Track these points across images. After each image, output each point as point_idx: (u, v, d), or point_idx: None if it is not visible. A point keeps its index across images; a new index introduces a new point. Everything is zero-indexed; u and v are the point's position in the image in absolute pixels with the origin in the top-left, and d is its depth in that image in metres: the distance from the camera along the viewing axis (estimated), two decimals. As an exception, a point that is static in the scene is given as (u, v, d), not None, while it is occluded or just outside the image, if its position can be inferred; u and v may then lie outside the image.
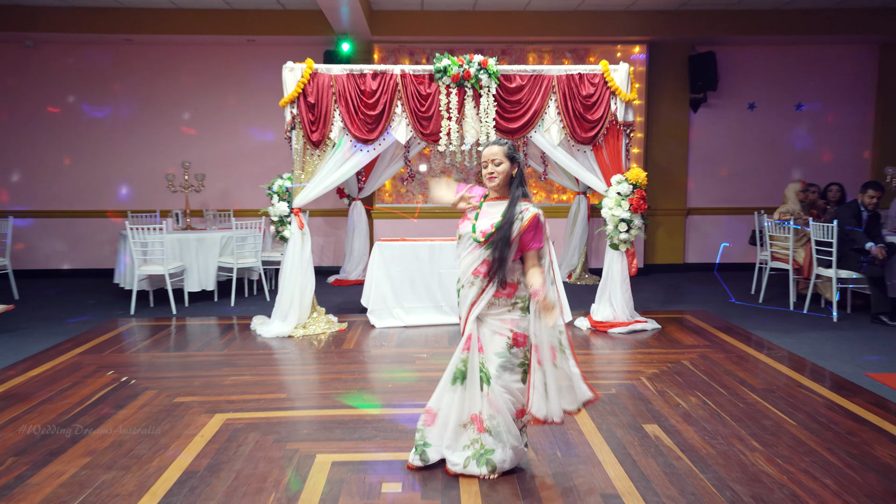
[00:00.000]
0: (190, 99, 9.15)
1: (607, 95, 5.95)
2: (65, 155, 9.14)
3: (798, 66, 9.27)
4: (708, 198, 9.45)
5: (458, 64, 5.79)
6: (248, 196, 9.18)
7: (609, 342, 5.70)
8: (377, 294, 6.24)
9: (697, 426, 3.77)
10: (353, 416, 3.96)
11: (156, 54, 9.05)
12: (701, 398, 4.22)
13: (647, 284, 8.40)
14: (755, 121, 9.36)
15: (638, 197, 5.87)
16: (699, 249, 9.54)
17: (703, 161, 9.40)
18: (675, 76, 9.14)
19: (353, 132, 5.87)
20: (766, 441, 3.55)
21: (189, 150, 9.07)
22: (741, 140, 9.40)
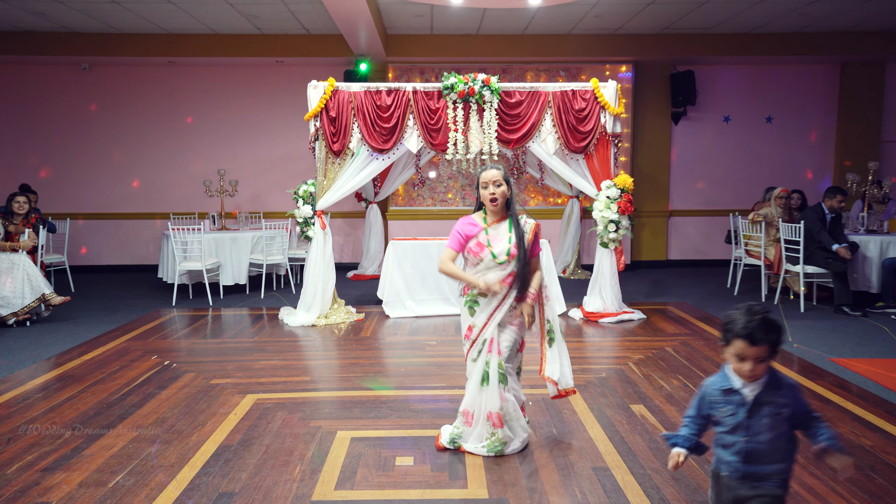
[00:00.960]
0: (225, 113, 9.15)
1: (597, 109, 5.90)
2: (115, 163, 9.16)
3: (768, 83, 9.18)
4: (688, 201, 9.38)
5: (464, 82, 5.76)
6: (276, 200, 9.18)
7: (599, 331, 5.66)
8: (391, 288, 6.22)
9: (679, 406, 3.72)
10: (369, 396, 3.94)
11: (196, 74, 9.06)
12: (682, 381, 4.18)
13: (633, 279, 8.35)
14: (730, 132, 9.28)
15: (625, 200, 5.82)
16: (680, 247, 9.48)
17: (683, 168, 9.33)
18: (658, 92, 9.07)
19: (370, 143, 5.85)
20: (742, 420, 3.50)
21: (224, 159, 9.08)
22: (717, 149, 9.33)
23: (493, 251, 2.98)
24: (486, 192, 3.03)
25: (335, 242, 9.18)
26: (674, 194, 9.37)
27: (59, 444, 3.26)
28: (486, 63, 8.72)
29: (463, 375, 4.31)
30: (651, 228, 9.33)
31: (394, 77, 8.78)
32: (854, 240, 6.34)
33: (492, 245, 3.00)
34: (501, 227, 3.05)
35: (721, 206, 9.30)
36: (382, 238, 8.65)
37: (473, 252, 3.02)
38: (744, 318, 1.79)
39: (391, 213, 8.94)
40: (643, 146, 9.16)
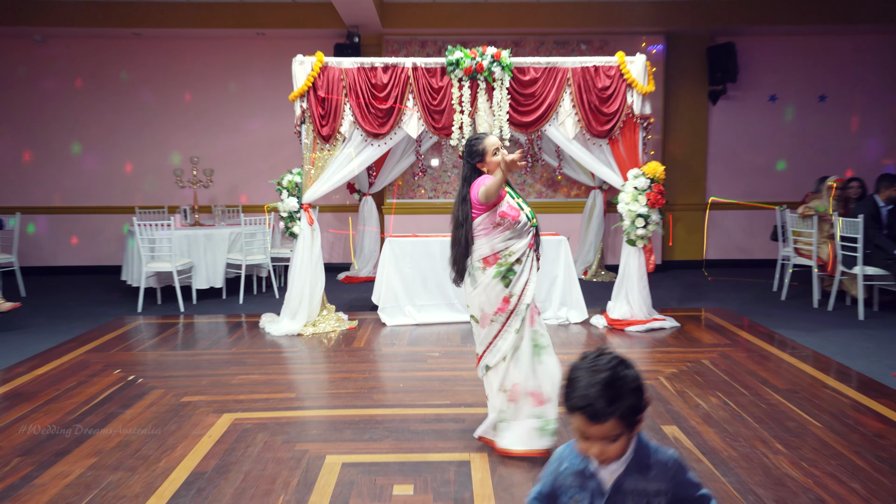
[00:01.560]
0: (198, 93, 9.16)
1: (623, 88, 5.88)
2: (72, 150, 9.19)
3: (821, 56, 9.12)
4: (728, 192, 9.34)
5: (471, 56, 5.74)
6: (256, 191, 9.19)
7: (626, 341, 5.64)
8: (388, 291, 6.21)
9: (718, 428, 3.70)
10: (363, 416, 3.93)
11: (164, 48, 9.07)
12: (722, 399, 4.15)
13: (665, 281, 8.32)
14: (777, 113, 9.23)
15: (655, 191, 5.80)
16: (719, 245, 9.44)
17: (722, 154, 9.29)
18: (693, 68, 9.03)
19: (364, 126, 5.85)
20: (790, 443, 3.48)
21: (198, 146, 9.09)
22: (762, 133, 9.28)
23: (527, 213, 3.37)
24: (496, 159, 3.32)
25: (324, 240, 9.18)
26: (711, 185, 9.33)
27: (5, 472, 3.26)
28: (496, 35, 8.69)
29: (470, 391, 4.32)
30: (685, 224, 9.30)
31: (391, 52, 8.78)
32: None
33: (523, 206, 3.38)
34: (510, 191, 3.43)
35: (766, 198, 9.25)
36: (378, 234, 8.65)
37: (511, 216, 3.30)
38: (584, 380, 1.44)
39: (388, 206, 8.94)
40: (676, 130, 9.13)
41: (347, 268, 9.05)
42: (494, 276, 3.28)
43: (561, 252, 6.26)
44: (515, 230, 3.30)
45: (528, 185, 8.96)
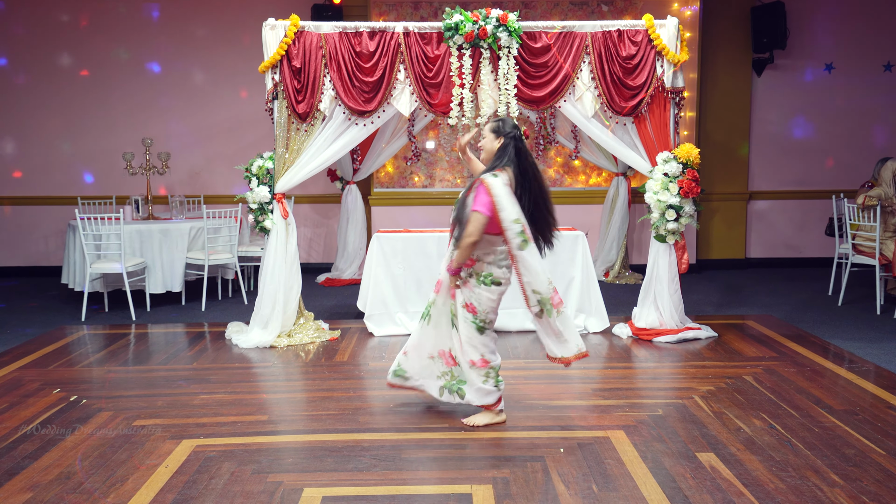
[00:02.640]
0: (150, 64, 9.16)
1: (652, 56, 5.90)
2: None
3: (886, 16, 9.14)
4: (775, 179, 9.37)
5: (473, 20, 5.76)
6: (221, 179, 9.20)
7: (654, 353, 5.66)
8: (376, 296, 6.24)
9: (763, 455, 3.73)
10: (347, 441, 3.95)
11: (108, 9, 9.07)
12: (767, 421, 4.18)
13: (700, 284, 8.34)
14: (833, 85, 9.26)
15: (689, 178, 5.82)
16: (764, 242, 9.47)
17: (768, 135, 9.32)
18: (734, 32, 9.05)
19: (347, 102, 5.87)
20: (849, 474, 3.51)
21: (151, 125, 9.11)
22: (816, 109, 9.30)
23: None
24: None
25: (301, 236, 9.20)
26: (755, 170, 9.36)
27: (-69, 505, 3.28)
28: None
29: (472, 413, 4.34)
30: (724, 216, 9.33)
31: (379, 14, 8.80)
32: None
33: None
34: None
35: (821, 185, 9.28)
36: (364, 230, 8.68)
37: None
38: None
39: (375, 196, 8.96)
40: (714, 106, 9.16)
41: (328, 268, 9.07)
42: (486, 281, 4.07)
43: (578, 250, 6.28)
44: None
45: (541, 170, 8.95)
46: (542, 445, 3.90)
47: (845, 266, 7.37)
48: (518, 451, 3.84)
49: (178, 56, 9.15)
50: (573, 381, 5.01)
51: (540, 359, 5.58)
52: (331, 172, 8.56)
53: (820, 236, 9.24)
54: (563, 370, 5.11)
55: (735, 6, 9.01)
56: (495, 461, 3.71)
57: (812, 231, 9.35)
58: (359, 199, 8.62)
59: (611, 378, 5.13)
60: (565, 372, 5.08)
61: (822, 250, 9.28)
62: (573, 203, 8.93)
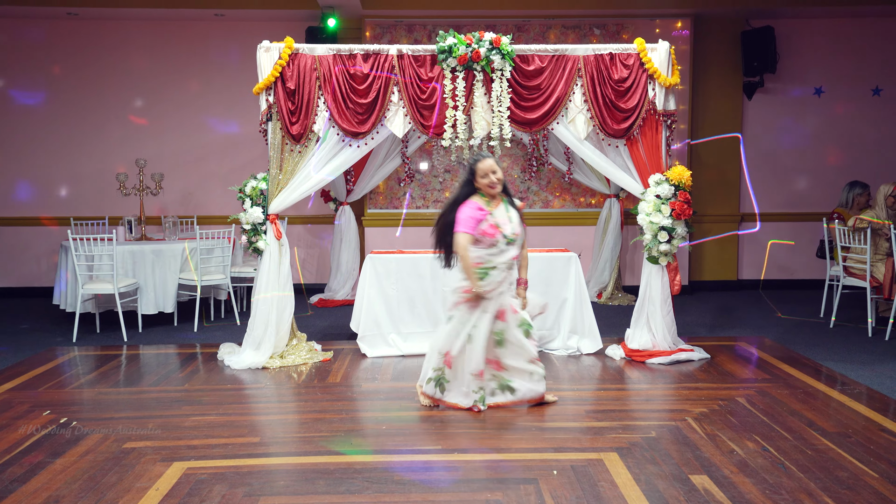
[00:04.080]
0: (145, 85, 9.21)
1: (644, 79, 5.96)
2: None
3: (876, 42, 9.27)
4: (767, 201, 9.42)
5: (466, 43, 5.82)
6: (215, 200, 9.21)
7: (647, 375, 5.67)
8: (369, 317, 6.23)
9: (756, 478, 3.73)
10: (339, 464, 3.94)
11: (104, 31, 9.14)
12: (760, 443, 4.18)
13: (693, 305, 8.37)
14: (823, 109, 9.36)
15: (681, 200, 5.86)
16: (756, 263, 9.51)
17: (760, 157, 9.39)
18: (725, 56, 9.16)
19: (341, 124, 5.90)
20: (842, 497, 3.51)
21: (144, 146, 9.13)
22: (806, 132, 9.39)
23: (505, 233, 4.58)
24: (485, 181, 4.61)
25: (295, 256, 9.20)
26: (747, 192, 9.42)
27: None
28: (495, 18, 8.80)
29: (465, 434, 4.35)
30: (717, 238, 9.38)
31: (373, 37, 8.87)
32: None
33: (501, 227, 4.59)
34: (500, 208, 4.66)
35: (812, 207, 9.35)
36: (357, 250, 8.69)
37: (488, 234, 4.56)
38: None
39: (369, 217, 8.98)
40: (706, 128, 9.23)
41: (322, 289, 9.06)
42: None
43: (571, 271, 6.30)
44: (493, 250, 4.60)
45: (533, 192, 9.03)
46: (536, 468, 3.89)
47: (837, 288, 7.41)
48: (511, 473, 3.83)
49: (173, 77, 9.19)
50: (566, 403, 5.01)
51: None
52: (324, 193, 8.58)
53: (812, 258, 9.29)
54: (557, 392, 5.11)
55: (726, 30, 9.12)
56: (488, 483, 3.70)
57: (804, 253, 9.39)
58: (352, 219, 8.64)
59: (604, 400, 5.13)
60: (559, 394, 5.09)
61: (815, 272, 9.33)
62: (566, 224, 8.96)
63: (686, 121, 9.08)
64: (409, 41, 8.83)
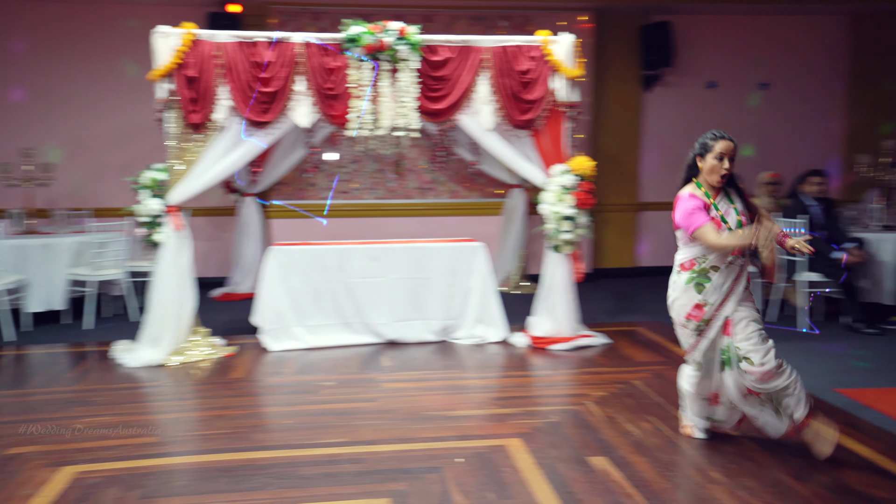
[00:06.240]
0: (32, 70, 8.72)
1: (547, 72, 6.07)
2: None
3: (763, 39, 9.71)
4: (664, 191, 9.73)
5: (373, 32, 5.78)
6: (109, 191, 8.82)
7: (550, 361, 5.80)
8: (273, 310, 6.13)
9: (650, 457, 3.88)
10: (241, 461, 3.87)
11: (-12, 12, 8.60)
12: (654, 424, 4.35)
13: (594, 292, 8.59)
14: (716, 101, 9.74)
15: (584, 190, 6.01)
16: (654, 251, 9.84)
17: (658, 148, 9.71)
18: (625, 50, 9.41)
19: (244, 113, 5.77)
20: (728, 470, 3.69)
21: (33, 134, 8.65)
22: (700, 123, 9.62)
23: (731, 226, 3.80)
24: (718, 164, 3.82)
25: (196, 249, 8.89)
26: (645, 182, 9.73)
27: None
28: (402, 8, 8.75)
29: (371, 426, 4.34)
30: (617, 227, 9.65)
31: (278, 24, 8.68)
32: (863, 237, 6.80)
33: (727, 220, 3.82)
34: (721, 199, 3.89)
35: (706, 197, 9.73)
36: (262, 243, 8.50)
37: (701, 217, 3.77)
38: None
39: (274, 208, 8.81)
40: (607, 120, 9.48)
41: (225, 282, 8.84)
42: (687, 281, 3.85)
43: (477, 261, 6.37)
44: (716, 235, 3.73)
45: (440, 182, 9.07)
46: (441, 456, 3.93)
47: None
48: (416, 462, 3.86)
49: (63, 63, 8.74)
50: (471, 391, 5.08)
51: (438, 369, 5.64)
52: (227, 184, 8.36)
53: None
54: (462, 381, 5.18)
55: (626, 25, 9.36)
56: (393, 474, 3.71)
57: (699, 240, 9.78)
58: (257, 211, 8.46)
59: (508, 387, 5.22)
60: (464, 382, 5.16)
61: (709, 259, 9.73)
62: (473, 214, 9.04)
63: (588, 112, 9.28)
64: (316, 29, 8.68)
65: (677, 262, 3.94)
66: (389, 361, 5.81)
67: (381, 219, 8.87)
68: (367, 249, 6.30)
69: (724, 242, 3.68)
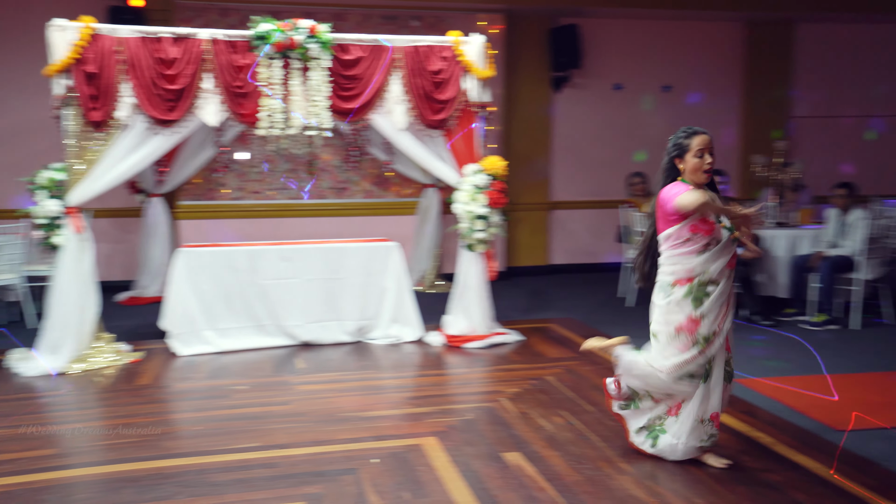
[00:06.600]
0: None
1: (459, 72, 6.11)
2: None
3: (666, 43, 10.05)
4: (574, 190, 9.98)
5: (282, 30, 5.69)
6: (3, 192, 8.37)
7: (465, 359, 5.85)
8: (182, 314, 5.95)
9: (563, 450, 3.96)
10: (148, 470, 3.74)
11: None
12: (566, 418, 4.44)
13: (508, 290, 8.71)
14: (622, 103, 10.02)
15: (496, 189, 6.08)
16: (565, 249, 10.04)
17: (567, 148, 9.91)
18: (536, 51, 9.56)
19: (149, 111, 5.58)
20: (636, 461, 3.81)
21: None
22: (608, 124, 10.02)
23: (726, 226, 3.56)
24: (699, 161, 3.58)
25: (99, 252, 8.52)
26: (556, 182, 9.92)
27: None
28: (313, 6, 8.62)
29: (284, 430, 4.28)
30: (529, 225, 9.80)
31: (184, 20, 8.42)
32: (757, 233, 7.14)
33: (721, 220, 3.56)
34: None
35: (614, 195, 9.99)
36: (170, 245, 8.24)
37: (704, 231, 3.53)
38: None
39: (182, 209, 8.55)
40: (519, 121, 9.61)
41: (131, 286, 8.52)
42: (686, 294, 3.57)
43: (392, 260, 6.36)
44: (713, 249, 3.54)
45: (354, 182, 9.01)
46: (356, 457, 3.91)
47: (634, 269, 7.99)
48: (331, 465, 3.82)
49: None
50: (387, 391, 5.07)
51: (353, 370, 5.60)
52: (132, 184, 8.05)
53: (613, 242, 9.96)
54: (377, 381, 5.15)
55: (537, 27, 9.51)
56: (307, 477, 3.67)
57: (607, 238, 10.03)
58: (164, 212, 8.19)
59: (424, 386, 5.24)
60: (379, 383, 5.15)
61: (617, 255, 10.01)
62: (387, 214, 9.01)
63: (500, 113, 9.40)
64: (224, 26, 8.41)
65: (670, 276, 3.62)
66: (304, 363, 5.73)
67: (295, 219, 8.73)
68: (279, 250, 6.20)
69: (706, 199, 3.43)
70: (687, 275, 3.57)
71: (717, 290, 3.57)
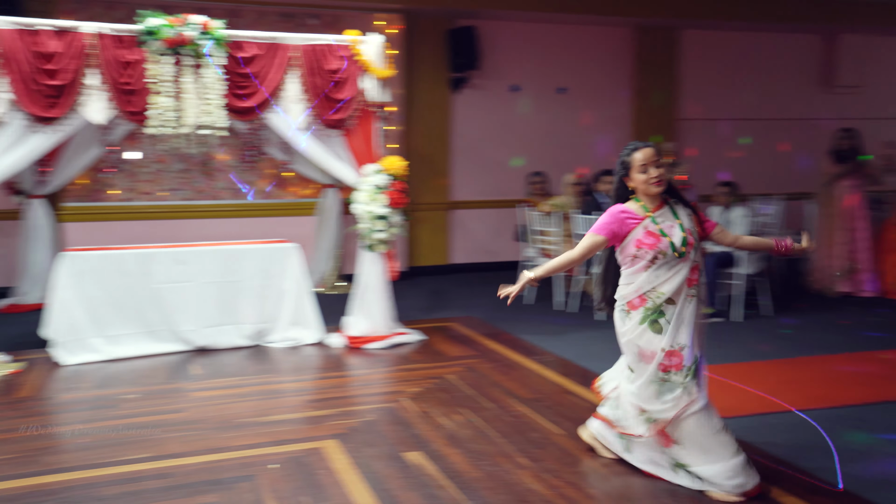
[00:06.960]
0: None
1: (357, 72, 6.08)
2: None
3: (560, 46, 10.32)
4: (473, 190, 10.09)
5: (173, 25, 5.50)
6: None
7: (366, 360, 5.82)
8: (66, 321, 5.65)
9: (463, 448, 4.00)
10: (28, 488, 3.54)
11: None
12: (466, 416, 4.50)
13: (410, 290, 8.72)
14: (519, 104, 10.22)
15: (397, 189, 6.08)
16: (465, 248, 10.14)
17: (466, 149, 10.01)
18: (435, 52, 9.61)
19: (28, 108, 5.30)
20: (534, 455, 3.90)
21: None
22: (505, 126, 10.19)
23: (672, 241, 3.40)
24: (644, 177, 3.46)
25: (-25, 257, 8.04)
26: (456, 182, 10.01)
27: None
28: (206, 2, 8.39)
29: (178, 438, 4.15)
30: (430, 225, 9.84)
31: (67, 13, 8.01)
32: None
33: (667, 234, 3.41)
34: (664, 212, 3.50)
35: (513, 195, 10.19)
36: (53, 248, 7.80)
37: (648, 245, 3.40)
38: None
39: (67, 210, 8.13)
40: (418, 121, 9.64)
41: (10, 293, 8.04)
42: (641, 321, 3.44)
43: (291, 262, 6.25)
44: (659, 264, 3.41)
45: (252, 183, 8.81)
46: (254, 464, 3.83)
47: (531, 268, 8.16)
48: (227, 472, 3.73)
49: None
50: (287, 395, 4.99)
51: (251, 375, 5.48)
52: (9, 185, 7.58)
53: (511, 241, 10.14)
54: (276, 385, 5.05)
55: (435, 27, 9.55)
56: (203, 486, 3.57)
57: (506, 237, 10.22)
58: (46, 214, 7.75)
59: (324, 388, 5.19)
60: (278, 387, 5.06)
61: (516, 254, 10.20)
62: (286, 215, 8.86)
63: (400, 113, 9.40)
64: (110, 20, 8.06)
65: (623, 298, 3.53)
66: (199, 369, 5.55)
67: (190, 220, 8.46)
68: (172, 253, 5.99)
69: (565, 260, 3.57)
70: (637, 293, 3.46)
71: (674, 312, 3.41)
